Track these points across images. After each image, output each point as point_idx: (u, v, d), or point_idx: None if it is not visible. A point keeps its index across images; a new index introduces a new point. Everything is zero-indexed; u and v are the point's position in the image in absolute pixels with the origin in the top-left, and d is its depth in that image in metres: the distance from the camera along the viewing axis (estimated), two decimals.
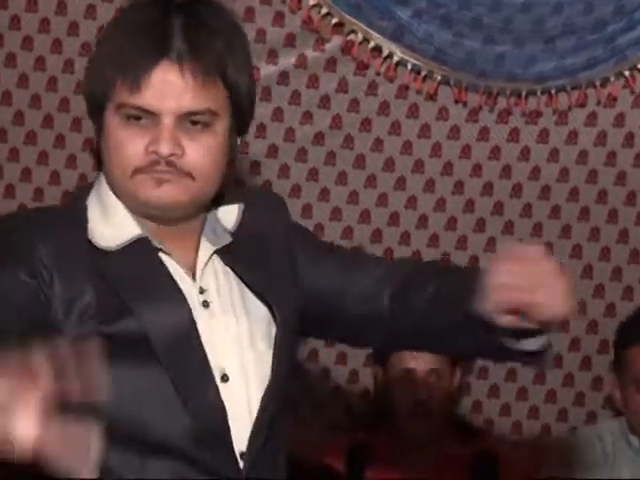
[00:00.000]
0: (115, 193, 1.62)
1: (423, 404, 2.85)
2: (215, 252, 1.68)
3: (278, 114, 3.03)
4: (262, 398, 1.63)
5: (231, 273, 1.70)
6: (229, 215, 1.72)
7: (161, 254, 1.62)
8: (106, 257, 1.59)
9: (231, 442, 1.62)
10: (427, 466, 2.86)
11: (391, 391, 2.91)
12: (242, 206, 1.72)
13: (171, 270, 1.63)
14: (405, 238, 3.10)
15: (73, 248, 1.60)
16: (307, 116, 3.04)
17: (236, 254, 1.70)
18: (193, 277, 1.65)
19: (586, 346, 3.10)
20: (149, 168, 1.56)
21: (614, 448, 2.93)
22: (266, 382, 1.64)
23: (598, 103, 2.98)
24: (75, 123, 3.03)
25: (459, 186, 3.06)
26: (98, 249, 1.59)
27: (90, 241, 1.59)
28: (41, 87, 3.03)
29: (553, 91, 2.96)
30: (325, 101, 3.04)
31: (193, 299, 1.63)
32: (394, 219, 3.07)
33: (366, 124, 3.03)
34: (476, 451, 2.92)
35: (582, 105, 2.99)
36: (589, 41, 2.91)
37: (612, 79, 2.94)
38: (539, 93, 2.96)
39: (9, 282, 1.55)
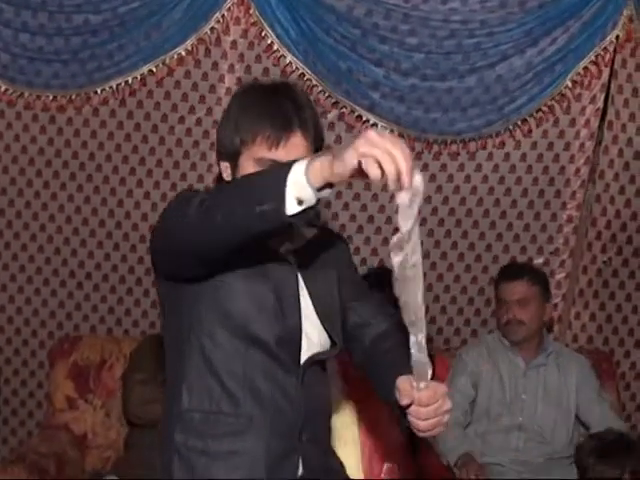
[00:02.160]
0: None
1: None
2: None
3: None
4: (326, 328, 2.15)
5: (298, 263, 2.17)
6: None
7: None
8: None
9: (299, 349, 2.09)
10: None
11: None
12: (315, 231, 2.20)
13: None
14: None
15: None
16: None
17: (304, 255, 2.18)
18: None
19: None
20: None
21: (494, 344, 3.77)
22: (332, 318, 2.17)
23: (494, 147, 3.98)
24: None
25: None
26: None
27: None
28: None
29: (466, 140, 3.92)
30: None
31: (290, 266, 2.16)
32: (371, 219, 4.07)
33: None
34: None
35: (484, 148, 3.97)
36: (487, 110, 3.87)
37: (501, 132, 3.92)
38: (458, 141, 3.92)
39: None
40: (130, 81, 3.91)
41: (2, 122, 4.01)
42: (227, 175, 2.13)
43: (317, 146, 2.09)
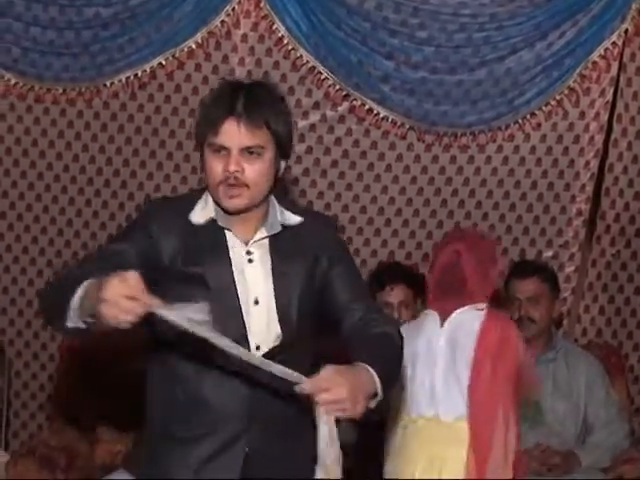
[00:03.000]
0: (211, 195, 2.20)
1: None
2: (268, 237, 2.21)
3: (309, 150, 4.00)
4: (279, 322, 2.19)
5: (269, 260, 2.21)
6: (290, 220, 2.26)
7: (225, 231, 2.19)
8: (193, 229, 2.18)
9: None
10: None
11: None
12: (302, 219, 2.27)
13: (228, 240, 2.20)
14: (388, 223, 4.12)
15: (174, 223, 2.18)
16: (327, 151, 4.01)
17: (279, 244, 2.23)
18: (246, 245, 2.20)
19: None
20: (225, 181, 2.12)
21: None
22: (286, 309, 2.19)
23: (503, 139, 3.99)
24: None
25: (420, 191, 4.05)
26: (192, 224, 2.19)
27: (189, 219, 2.19)
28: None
29: (476, 133, 3.94)
30: (338, 141, 4.00)
31: (242, 258, 2.19)
32: (381, 211, 4.09)
33: (363, 155, 4.01)
34: None
35: (494, 141, 3.98)
36: (497, 103, 3.91)
37: (511, 125, 3.94)
38: (468, 134, 3.93)
39: (137, 241, 2.15)
40: (140, 74, 3.91)
41: (13, 115, 4.01)
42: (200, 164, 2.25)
43: (277, 140, 2.17)
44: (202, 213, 2.22)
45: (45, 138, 4.04)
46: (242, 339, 2.12)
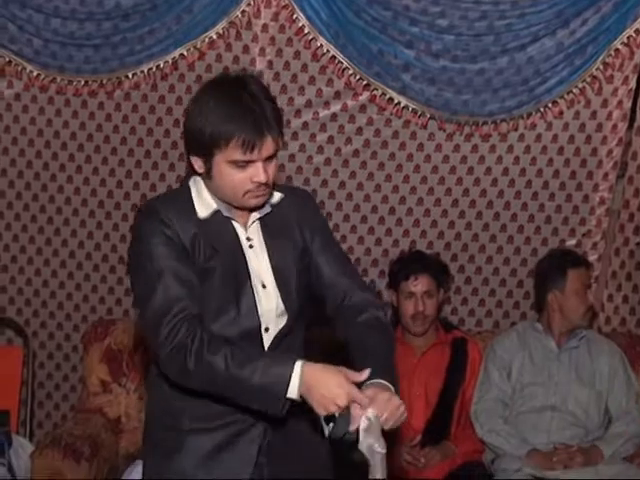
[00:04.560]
0: (211, 191, 2.23)
1: (420, 312, 3.72)
2: (259, 219, 2.30)
3: (330, 140, 4.00)
4: (283, 301, 2.28)
5: (264, 242, 2.30)
6: (274, 198, 2.34)
7: (232, 220, 2.26)
8: (201, 223, 2.22)
9: (262, 341, 2.27)
10: (424, 346, 3.77)
11: (402, 305, 3.76)
12: (283, 195, 2.35)
13: (237, 229, 2.27)
14: (410, 212, 4.09)
15: (183, 223, 2.21)
16: (348, 140, 4.00)
17: (268, 224, 2.31)
18: (246, 231, 2.28)
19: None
20: (255, 190, 2.19)
21: (526, 333, 3.80)
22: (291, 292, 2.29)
23: (525, 128, 3.96)
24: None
25: (441, 180, 4.02)
26: (200, 219, 2.22)
27: (196, 214, 2.22)
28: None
29: (498, 121, 3.92)
30: (359, 131, 3.99)
31: (244, 243, 2.27)
32: (402, 200, 4.08)
33: (384, 145, 3.99)
34: (454, 337, 3.81)
35: (515, 129, 3.96)
36: (518, 91, 3.86)
37: (533, 113, 3.90)
38: (489, 123, 3.91)
39: (173, 256, 2.17)
40: (162, 65, 3.91)
41: (34, 107, 4.02)
42: (199, 168, 2.22)
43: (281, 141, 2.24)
44: (203, 207, 2.26)
45: (67, 130, 4.05)
46: (257, 327, 2.24)
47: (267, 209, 2.31)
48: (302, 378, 2.03)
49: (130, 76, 3.94)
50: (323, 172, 4.06)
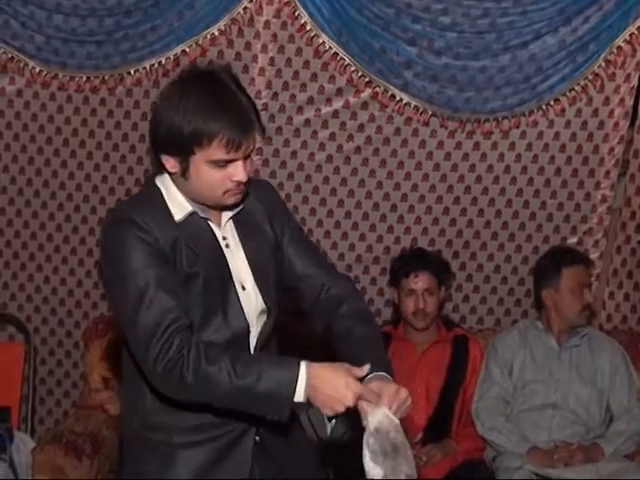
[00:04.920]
0: (183, 191, 2.14)
1: (421, 310, 3.73)
2: (230, 218, 2.24)
3: (332, 137, 4.00)
4: (264, 300, 2.23)
5: (239, 241, 2.24)
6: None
7: (207, 221, 2.19)
8: (178, 226, 2.13)
9: (249, 345, 2.23)
10: (426, 343, 3.77)
11: (403, 302, 3.77)
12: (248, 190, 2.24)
13: (213, 229, 2.21)
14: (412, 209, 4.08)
15: (162, 228, 2.11)
16: (350, 137, 3.99)
17: (241, 222, 2.26)
18: (220, 231, 2.22)
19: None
20: (235, 188, 2.12)
21: (527, 331, 3.79)
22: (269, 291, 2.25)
23: (527, 125, 3.95)
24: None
25: (443, 177, 4.03)
26: (176, 223, 2.13)
27: (172, 218, 2.13)
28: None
29: (500, 119, 3.91)
30: (361, 127, 3.98)
31: (221, 243, 2.21)
32: (404, 197, 4.06)
33: (386, 142, 3.99)
34: (455, 335, 3.81)
35: (517, 127, 3.95)
36: (520, 89, 3.86)
37: (535, 111, 3.90)
38: (491, 120, 3.91)
39: (155, 263, 2.06)
40: (163, 62, 3.90)
41: (36, 103, 4.02)
42: (172, 168, 2.11)
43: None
44: (177, 209, 2.16)
45: (69, 126, 4.04)
46: (245, 329, 2.19)
47: (239, 206, 2.25)
48: (308, 380, 2.00)
49: (132, 72, 3.94)
50: (325, 169, 4.06)
